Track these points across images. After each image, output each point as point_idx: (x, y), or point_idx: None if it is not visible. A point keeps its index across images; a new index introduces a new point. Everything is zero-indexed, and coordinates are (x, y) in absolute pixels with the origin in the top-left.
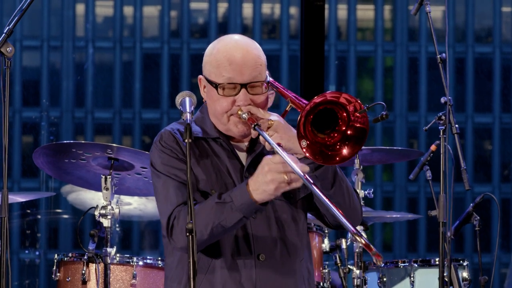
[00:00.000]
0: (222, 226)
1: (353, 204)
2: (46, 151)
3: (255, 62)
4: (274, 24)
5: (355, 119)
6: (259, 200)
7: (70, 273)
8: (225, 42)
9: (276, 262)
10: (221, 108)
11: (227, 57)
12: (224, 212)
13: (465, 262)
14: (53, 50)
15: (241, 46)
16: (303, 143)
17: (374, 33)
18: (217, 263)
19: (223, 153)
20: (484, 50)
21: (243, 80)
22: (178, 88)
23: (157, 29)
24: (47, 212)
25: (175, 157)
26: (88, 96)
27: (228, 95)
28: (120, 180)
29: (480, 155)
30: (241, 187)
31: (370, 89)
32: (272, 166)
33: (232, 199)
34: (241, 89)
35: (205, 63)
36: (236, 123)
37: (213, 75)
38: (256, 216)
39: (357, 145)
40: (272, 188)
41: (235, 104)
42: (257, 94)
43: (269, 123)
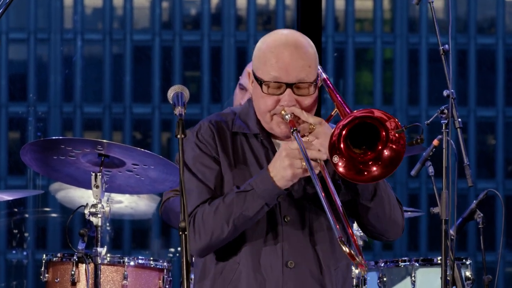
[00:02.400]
0: (244, 215)
1: (394, 217)
2: (34, 147)
3: (304, 62)
4: (269, 15)
5: (393, 139)
6: (280, 186)
7: (59, 274)
8: (275, 38)
9: (305, 270)
10: (264, 106)
11: (275, 53)
12: (246, 201)
13: (468, 261)
14: (40, 43)
15: (290, 42)
16: (334, 159)
17: (373, 24)
18: (243, 269)
19: (262, 152)
20: (486, 41)
21: (289, 80)
22: (170, 82)
23: (148, 21)
24: (35, 211)
25: (208, 153)
26: (76, 90)
27: (272, 93)
28: (110, 178)
29: (483, 150)
30: (262, 173)
31: (369, 82)
32: (289, 151)
33: (253, 186)
34: (286, 89)
35: (254, 58)
36: (279, 123)
37: (259, 71)
38: (288, 220)
39: (390, 167)
40: (290, 173)
41: (279, 103)
42: (303, 95)
43: (311, 127)
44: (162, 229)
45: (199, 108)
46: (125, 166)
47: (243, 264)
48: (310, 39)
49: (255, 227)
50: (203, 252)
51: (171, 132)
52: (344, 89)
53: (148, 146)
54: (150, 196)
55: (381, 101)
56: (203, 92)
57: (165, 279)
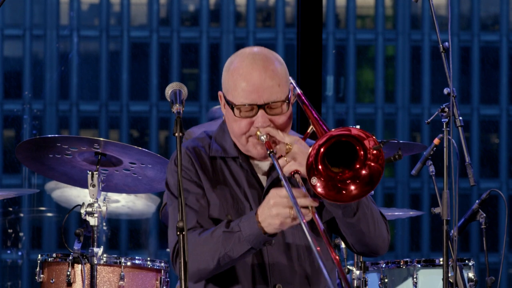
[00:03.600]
0: (229, 256)
1: (378, 232)
2: (29, 145)
3: (274, 82)
4: (269, 12)
5: (371, 157)
6: (267, 232)
7: (55, 275)
8: (242, 58)
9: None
10: (239, 130)
11: (243, 75)
12: (232, 242)
13: (471, 262)
14: (36, 40)
15: (258, 62)
16: (313, 181)
17: (375, 20)
18: None
19: (242, 175)
20: (490, 38)
21: (260, 101)
22: (167, 79)
23: (146, 17)
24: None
25: (188, 179)
26: (73, 87)
27: (245, 116)
28: (107, 177)
29: (486, 149)
30: (250, 216)
31: (370, 80)
32: (277, 200)
33: (240, 228)
34: (259, 110)
35: (223, 80)
36: (255, 145)
37: (230, 94)
38: (273, 243)
39: (369, 186)
40: (277, 222)
41: (253, 125)
42: (277, 114)
43: (287, 148)
44: (160, 229)
45: (197, 106)
46: (122, 164)
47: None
48: (278, 55)
49: None
50: (193, 278)
51: (169, 130)
52: (345, 87)
53: (145, 145)
54: (148, 196)
55: (383, 99)
56: (201, 90)
57: (162, 280)
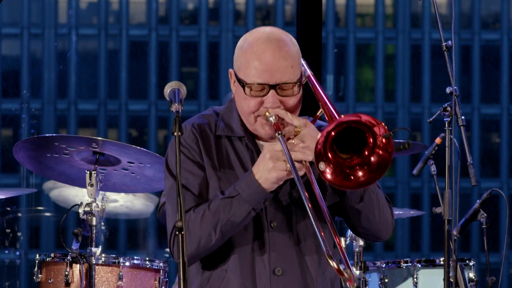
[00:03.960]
0: (232, 222)
1: (383, 218)
2: (27, 145)
3: (287, 63)
4: (268, 10)
5: (381, 144)
6: (265, 188)
7: (53, 275)
8: (256, 36)
9: (293, 277)
10: (248, 108)
11: (257, 54)
12: (232, 207)
13: (471, 262)
14: (34, 38)
15: (273, 42)
16: (321, 166)
17: (375, 19)
18: (231, 277)
19: (247, 155)
20: (491, 37)
21: (272, 81)
22: (166, 78)
23: (144, 15)
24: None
25: (192, 159)
26: (71, 86)
27: (255, 95)
28: (105, 176)
29: (488, 148)
30: (246, 176)
31: (370, 79)
32: (273, 153)
33: (238, 191)
34: (269, 90)
35: (235, 57)
36: (263, 125)
37: (241, 72)
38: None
39: (377, 173)
40: (274, 176)
41: (263, 105)
42: (287, 96)
43: (296, 130)
44: (158, 229)
45: (196, 105)
46: (120, 164)
47: (231, 272)
48: (292, 36)
49: (241, 233)
50: (190, 261)
51: (168, 129)
52: (344, 86)
53: (144, 144)
54: (146, 195)
55: (383, 98)
56: (200, 89)
57: (161, 280)
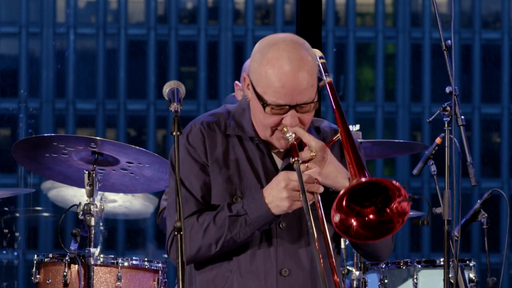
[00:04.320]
0: (234, 240)
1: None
2: (25, 145)
3: (307, 82)
4: (268, 9)
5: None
6: (274, 213)
7: (51, 275)
8: (276, 52)
9: (300, 279)
10: (266, 124)
11: (278, 76)
12: (238, 225)
13: (472, 262)
14: (32, 37)
15: (294, 63)
16: (336, 218)
17: (375, 18)
18: (236, 278)
19: (256, 154)
20: (491, 36)
21: (293, 102)
22: (165, 78)
23: (143, 14)
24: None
25: (197, 159)
26: (69, 86)
27: (276, 113)
28: (104, 176)
29: (488, 148)
30: (256, 199)
31: (370, 78)
32: (289, 183)
33: (246, 211)
34: (290, 110)
35: (253, 67)
36: (279, 139)
37: (260, 87)
38: (283, 226)
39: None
40: (287, 205)
41: (282, 122)
42: (306, 112)
43: (311, 155)
44: (157, 230)
45: (195, 105)
46: (119, 164)
47: (236, 272)
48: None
49: None
50: (190, 262)
51: (167, 129)
52: (344, 85)
53: (143, 144)
54: (145, 195)
55: (383, 97)
56: (199, 88)
57: (160, 281)
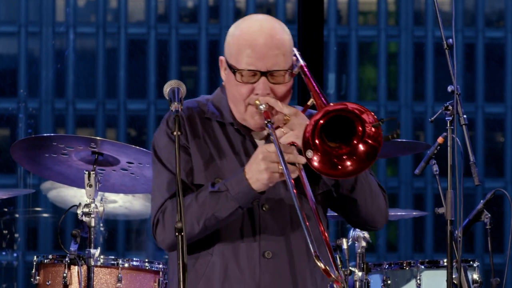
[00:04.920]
0: (216, 217)
1: (376, 205)
2: (24, 145)
3: (279, 50)
4: (269, 8)
5: (370, 133)
6: (255, 188)
7: (51, 276)
8: (249, 24)
9: (283, 262)
10: (238, 95)
11: (249, 41)
12: (219, 202)
13: (475, 263)
14: (31, 37)
15: (265, 30)
16: (308, 154)
17: (377, 16)
18: (217, 260)
19: (238, 139)
20: (495, 34)
21: (263, 68)
22: (166, 77)
23: (143, 13)
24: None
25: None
26: (69, 85)
27: (247, 82)
28: (104, 176)
29: (491, 148)
30: (238, 174)
31: (373, 77)
32: (266, 154)
33: (227, 187)
34: (261, 77)
35: (227, 44)
36: (253, 114)
37: (233, 58)
38: (267, 208)
39: (365, 162)
40: (266, 177)
41: (254, 92)
42: (278, 83)
43: (285, 118)
44: None
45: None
46: (119, 164)
47: (217, 255)
48: (284, 25)
49: None
50: (172, 247)
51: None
52: (347, 84)
53: (143, 144)
54: (146, 196)
55: (385, 96)
56: (200, 88)
57: (160, 282)
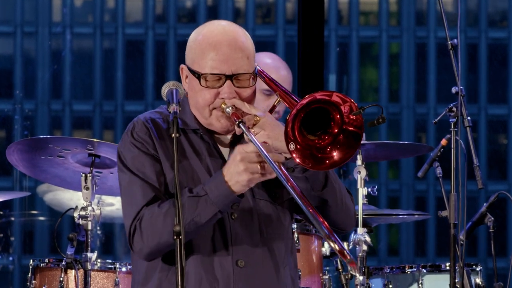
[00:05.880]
0: (196, 222)
1: (345, 207)
2: (20, 147)
3: (243, 53)
4: (269, 7)
5: (349, 121)
6: (235, 191)
7: (47, 281)
8: (211, 28)
9: (256, 269)
10: (203, 100)
11: (213, 44)
12: (198, 207)
13: (478, 267)
14: (27, 37)
15: (228, 33)
16: (291, 146)
17: (379, 17)
18: (191, 270)
19: (203, 147)
20: (498, 35)
21: (228, 72)
22: (164, 78)
23: (141, 14)
24: (21, 214)
25: (145, 151)
26: (65, 87)
27: (211, 86)
28: (101, 179)
29: (495, 150)
30: (216, 178)
31: (374, 79)
32: (245, 155)
33: (206, 191)
34: (226, 81)
35: (188, 51)
36: (218, 118)
37: (196, 64)
38: (235, 216)
39: (349, 150)
40: (245, 178)
41: (219, 96)
42: (243, 87)
43: (255, 119)
44: None
45: None
46: (116, 166)
47: (191, 265)
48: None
49: None
50: (150, 256)
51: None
52: (347, 85)
53: None
54: None
55: (387, 98)
56: None
57: None
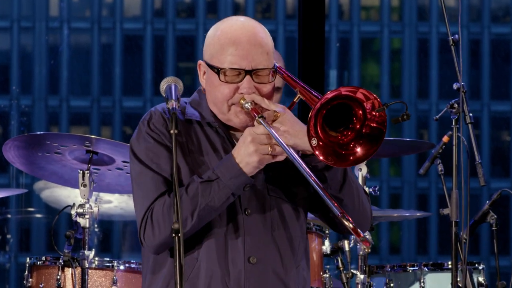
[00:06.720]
0: (210, 207)
1: (363, 207)
2: (17, 143)
3: (263, 49)
4: (269, 2)
5: (372, 117)
6: (246, 172)
7: (44, 279)
8: (230, 24)
9: (268, 267)
10: (222, 96)
11: (232, 39)
12: (212, 191)
13: (481, 265)
14: (24, 32)
15: (248, 29)
16: (313, 142)
17: (380, 12)
18: (202, 265)
19: (218, 141)
20: (501, 30)
21: (248, 66)
22: (162, 74)
23: (139, 8)
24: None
25: (161, 143)
26: (63, 82)
27: (230, 81)
28: (99, 176)
29: (497, 147)
30: (226, 160)
31: (376, 74)
32: (255, 136)
33: (218, 175)
34: (245, 76)
35: (207, 46)
36: (237, 113)
37: (215, 59)
38: (249, 212)
39: (372, 146)
40: (256, 160)
41: (238, 91)
42: (263, 82)
43: (275, 115)
44: None
45: None
46: (114, 163)
47: (203, 260)
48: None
49: (215, 220)
50: (160, 248)
51: None
52: (348, 81)
53: None
54: None
55: (389, 94)
56: (197, 84)
57: None
